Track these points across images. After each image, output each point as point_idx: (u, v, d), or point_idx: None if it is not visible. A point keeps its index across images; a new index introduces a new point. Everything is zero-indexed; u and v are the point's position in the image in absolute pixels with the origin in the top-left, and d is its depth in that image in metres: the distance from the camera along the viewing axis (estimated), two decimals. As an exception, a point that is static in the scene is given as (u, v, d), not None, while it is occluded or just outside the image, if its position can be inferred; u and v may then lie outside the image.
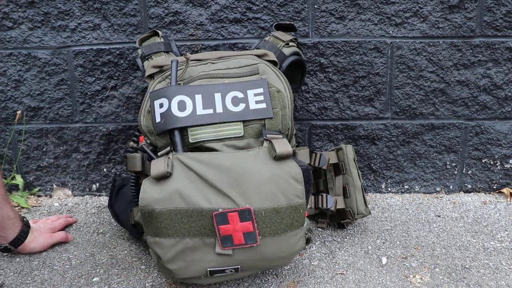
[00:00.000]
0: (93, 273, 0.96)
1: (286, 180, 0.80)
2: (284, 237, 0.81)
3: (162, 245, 0.79)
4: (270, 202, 0.78)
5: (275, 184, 0.79)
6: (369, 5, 1.14)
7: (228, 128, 0.84)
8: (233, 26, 1.17)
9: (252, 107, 0.86)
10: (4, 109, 1.25)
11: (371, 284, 0.91)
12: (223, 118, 0.84)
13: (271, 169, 0.80)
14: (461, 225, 1.12)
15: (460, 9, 1.14)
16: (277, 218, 0.79)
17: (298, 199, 0.80)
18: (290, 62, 0.98)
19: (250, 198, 0.78)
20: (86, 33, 1.19)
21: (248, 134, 0.85)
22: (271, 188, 0.79)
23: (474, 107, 1.21)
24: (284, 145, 0.81)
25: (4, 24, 1.19)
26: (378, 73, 1.19)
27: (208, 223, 0.77)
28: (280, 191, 0.79)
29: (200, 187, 0.78)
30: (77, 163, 1.29)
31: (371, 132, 1.24)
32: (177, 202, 0.77)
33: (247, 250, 0.79)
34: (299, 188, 0.81)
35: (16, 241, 0.99)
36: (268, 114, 0.86)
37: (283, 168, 0.81)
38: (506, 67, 1.18)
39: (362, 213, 1.04)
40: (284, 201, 0.79)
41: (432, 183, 1.28)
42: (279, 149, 0.80)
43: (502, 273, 0.94)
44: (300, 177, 0.81)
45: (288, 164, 0.81)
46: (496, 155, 1.25)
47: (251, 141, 0.85)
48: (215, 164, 0.80)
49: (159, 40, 1.00)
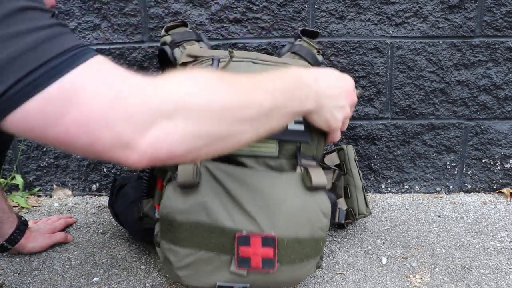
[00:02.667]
0: (93, 273, 0.96)
1: (315, 212, 0.78)
2: (299, 265, 0.79)
3: (177, 253, 0.76)
4: (295, 232, 0.76)
5: (304, 214, 0.77)
6: (369, 5, 1.14)
7: (263, 145, 0.79)
8: (233, 26, 1.17)
9: (291, 127, 0.79)
10: (4, 109, 1.25)
11: (371, 284, 0.91)
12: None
13: (303, 198, 0.77)
14: (461, 225, 1.12)
15: (460, 9, 1.14)
16: (298, 247, 0.77)
17: (321, 232, 0.79)
18: None
19: (276, 224, 0.75)
20: (86, 33, 1.19)
21: (282, 155, 0.80)
22: (299, 218, 0.76)
23: (474, 107, 1.21)
24: (320, 176, 0.78)
25: (4, 24, 1.19)
26: (378, 73, 1.19)
27: (228, 242, 0.75)
28: (307, 222, 0.77)
29: (227, 203, 0.75)
30: (77, 163, 1.29)
31: (371, 132, 1.24)
32: (200, 215, 0.74)
33: (261, 273, 0.77)
34: (325, 222, 0.79)
35: (13, 239, 0.98)
36: (305, 138, 0.81)
37: (314, 200, 0.78)
38: (506, 67, 1.18)
39: (363, 213, 1.04)
40: (308, 232, 0.77)
41: (432, 183, 1.28)
42: (316, 180, 0.77)
43: (502, 273, 0.94)
44: (328, 211, 0.79)
45: (320, 195, 0.78)
46: (496, 155, 1.25)
47: (284, 162, 0.81)
48: (246, 182, 0.76)
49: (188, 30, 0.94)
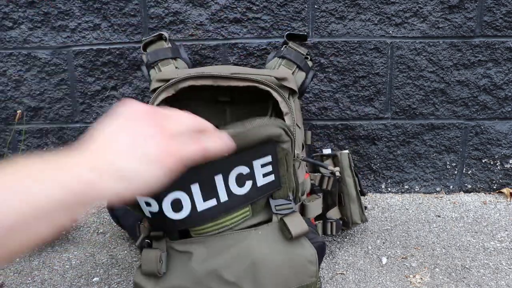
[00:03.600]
0: (93, 273, 0.96)
1: (301, 263, 0.74)
2: None
3: None
4: (282, 287, 0.73)
5: (288, 268, 0.73)
6: (369, 5, 1.14)
7: (236, 215, 0.73)
8: (233, 26, 1.17)
9: (260, 183, 0.72)
10: (4, 109, 1.25)
11: (371, 284, 0.91)
12: (229, 207, 0.71)
13: (285, 252, 0.73)
14: (461, 225, 1.12)
15: (460, 9, 1.14)
16: None
17: (311, 278, 0.75)
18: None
19: (261, 285, 0.72)
20: (86, 33, 1.19)
21: (256, 213, 0.75)
22: (284, 273, 0.73)
23: (474, 107, 1.21)
24: (299, 224, 0.74)
25: (4, 24, 1.19)
26: (378, 73, 1.19)
27: None
28: (294, 275, 0.74)
29: (204, 279, 0.70)
30: (77, 163, 1.28)
31: (371, 132, 1.24)
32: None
33: None
34: (313, 269, 0.75)
35: None
36: (276, 186, 0.74)
37: (297, 252, 0.74)
38: (506, 67, 1.18)
39: (356, 222, 1.01)
40: (296, 283, 0.74)
41: (432, 183, 1.28)
42: (295, 231, 0.73)
43: (502, 273, 0.94)
44: (314, 258, 0.75)
45: (302, 245, 0.74)
46: (496, 155, 1.25)
47: (258, 216, 0.76)
48: (220, 250, 0.71)
49: (166, 45, 0.90)
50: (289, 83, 0.83)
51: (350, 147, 1.25)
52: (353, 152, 1.25)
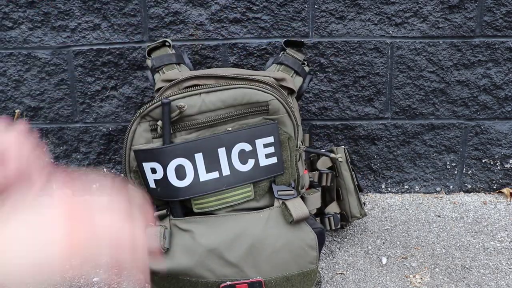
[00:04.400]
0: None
1: (300, 247, 0.75)
2: None
3: None
4: (282, 271, 0.75)
5: (288, 252, 0.75)
6: (369, 5, 1.14)
7: (238, 193, 0.76)
8: (233, 26, 1.17)
9: (263, 163, 0.76)
10: (4, 109, 1.25)
11: (371, 284, 0.91)
12: (231, 182, 0.74)
13: (285, 236, 0.75)
14: (461, 225, 1.12)
15: (460, 9, 1.14)
16: (288, 285, 0.76)
17: (311, 265, 0.77)
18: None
19: (261, 268, 0.74)
20: (86, 33, 1.19)
21: (258, 195, 0.78)
22: (284, 257, 0.74)
23: (474, 107, 1.21)
24: (300, 208, 0.76)
25: (4, 24, 1.19)
26: (378, 73, 1.19)
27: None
28: (294, 259, 0.75)
29: (205, 259, 0.72)
30: (77, 163, 1.29)
31: (371, 132, 1.24)
32: (179, 274, 0.73)
33: None
34: (313, 255, 0.76)
35: None
36: (279, 170, 0.77)
37: (297, 235, 0.75)
38: (506, 67, 1.18)
39: (355, 216, 1.02)
40: (297, 268, 0.76)
41: (432, 183, 1.28)
42: (296, 214, 0.75)
43: (502, 273, 0.94)
44: (315, 243, 0.76)
45: (302, 229, 0.76)
46: (496, 155, 1.25)
47: (261, 200, 0.78)
48: (221, 231, 0.73)
49: (170, 51, 0.92)
50: (287, 83, 0.86)
51: (350, 147, 1.25)
52: (353, 152, 1.25)
